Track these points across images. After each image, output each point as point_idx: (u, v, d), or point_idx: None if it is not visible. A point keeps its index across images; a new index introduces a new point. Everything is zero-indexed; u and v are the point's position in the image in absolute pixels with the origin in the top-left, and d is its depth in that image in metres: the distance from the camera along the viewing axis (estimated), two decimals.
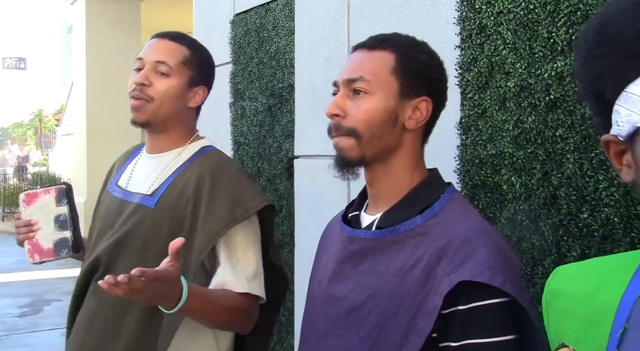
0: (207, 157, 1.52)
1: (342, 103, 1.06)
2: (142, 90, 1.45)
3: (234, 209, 1.41)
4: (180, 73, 1.47)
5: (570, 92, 1.48)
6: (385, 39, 1.09)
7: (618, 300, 0.70)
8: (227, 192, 1.43)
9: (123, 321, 1.41)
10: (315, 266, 1.22)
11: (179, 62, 1.47)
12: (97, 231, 1.54)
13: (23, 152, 25.43)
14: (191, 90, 1.51)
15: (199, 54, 1.53)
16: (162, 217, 1.43)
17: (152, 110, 1.46)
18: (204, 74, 1.54)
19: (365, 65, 1.06)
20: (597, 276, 0.75)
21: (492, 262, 0.93)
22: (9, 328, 5.49)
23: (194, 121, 1.59)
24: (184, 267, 1.34)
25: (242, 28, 3.06)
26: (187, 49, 1.50)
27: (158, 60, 1.46)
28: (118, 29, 9.17)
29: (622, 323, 0.68)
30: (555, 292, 0.79)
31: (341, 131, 1.06)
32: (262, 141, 2.90)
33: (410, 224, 1.02)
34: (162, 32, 1.54)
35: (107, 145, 7.84)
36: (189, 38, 1.55)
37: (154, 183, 1.49)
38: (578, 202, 1.46)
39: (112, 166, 1.71)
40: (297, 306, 2.57)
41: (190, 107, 1.53)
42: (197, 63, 1.51)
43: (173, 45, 1.49)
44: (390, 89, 1.05)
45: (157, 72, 1.46)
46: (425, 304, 0.94)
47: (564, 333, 0.76)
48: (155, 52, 1.47)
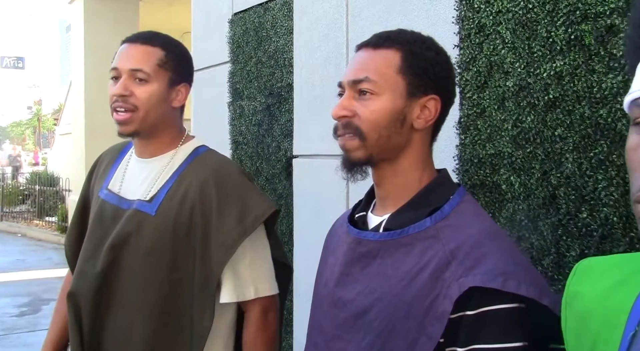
0: (204, 158, 1.51)
1: (349, 105, 1.03)
2: (124, 100, 1.42)
3: (244, 219, 1.42)
4: (159, 76, 1.44)
5: (569, 91, 1.47)
6: (391, 36, 1.06)
7: (632, 301, 0.69)
8: (234, 200, 1.43)
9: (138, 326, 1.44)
10: (321, 267, 1.20)
11: (155, 66, 1.44)
12: (93, 240, 1.51)
13: (15, 151, 25.27)
14: (173, 90, 1.49)
15: (173, 53, 1.48)
16: (164, 224, 1.42)
17: (138, 120, 1.43)
18: (183, 71, 1.51)
19: (371, 65, 1.03)
20: (615, 277, 0.74)
21: (503, 267, 0.91)
22: (8, 328, 5.48)
23: (180, 119, 1.57)
24: (204, 280, 1.41)
25: (241, 27, 3.05)
26: (161, 50, 1.46)
27: (133, 68, 1.42)
28: (116, 28, 9.15)
29: (634, 326, 0.67)
30: (576, 294, 0.78)
31: (350, 129, 1.03)
32: (260, 140, 2.89)
33: (419, 226, 1.00)
34: (132, 36, 1.50)
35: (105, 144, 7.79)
36: (162, 37, 1.50)
37: (152, 189, 1.47)
38: (577, 201, 1.46)
39: (97, 162, 1.67)
40: (297, 306, 2.56)
41: (174, 107, 1.51)
42: (173, 62, 1.47)
43: (146, 50, 1.45)
44: (397, 89, 1.02)
45: (135, 79, 1.42)
46: (434, 308, 0.92)
47: (583, 335, 0.74)
48: (130, 59, 1.43)
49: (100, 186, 1.57)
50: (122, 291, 1.44)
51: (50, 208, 12.15)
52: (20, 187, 14.24)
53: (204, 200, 1.42)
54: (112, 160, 1.62)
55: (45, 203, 12.33)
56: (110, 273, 1.44)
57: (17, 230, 11.76)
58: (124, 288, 1.44)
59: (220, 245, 1.40)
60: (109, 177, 1.57)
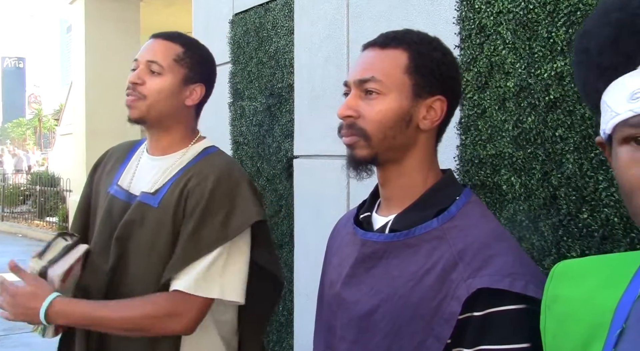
0: (212, 158, 1.52)
1: (355, 104, 1.03)
2: (134, 88, 1.47)
3: (228, 223, 1.41)
4: (173, 71, 1.48)
5: (570, 92, 1.47)
6: (398, 36, 1.05)
7: (617, 301, 0.70)
8: (224, 203, 1.42)
9: None
10: (325, 268, 1.20)
11: (171, 60, 1.48)
12: (103, 233, 1.51)
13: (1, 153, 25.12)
14: (187, 87, 1.51)
15: (193, 52, 1.52)
16: (164, 216, 1.43)
17: (144, 107, 1.47)
18: (201, 71, 1.53)
19: (377, 64, 1.02)
20: (597, 278, 0.75)
21: (510, 268, 0.91)
22: (8, 328, 5.48)
23: (194, 120, 1.58)
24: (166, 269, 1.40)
25: (242, 28, 3.06)
26: (181, 47, 1.50)
27: (150, 59, 1.48)
28: (117, 28, 9.17)
29: (620, 324, 0.68)
30: (556, 297, 0.79)
31: (354, 130, 1.03)
32: (261, 141, 2.90)
33: (425, 227, 0.99)
34: (158, 33, 1.55)
35: (106, 145, 7.79)
36: (185, 37, 1.55)
37: (157, 183, 1.49)
38: (578, 202, 1.46)
39: (104, 157, 1.68)
40: (297, 306, 2.56)
41: (187, 105, 1.52)
42: (191, 61, 1.51)
43: (166, 44, 1.50)
44: (404, 89, 1.01)
45: (150, 70, 1.47)
46: (441, 310, 0.92)
47: (565, 337, 0.76)
48: (148, 52, 1.49)
49: (110, 182, 1.58)
50: (129, 285, 1.45)
51: (51, 209, 12.16)
52: (21, 187, 14.25)
53: (199, 192, 1.42)
54: (121, 157, 1.63)
55: (46, 204, 12.34)
56: (119, 269, 1.45)
57: (18, 230, 11.77)
58: (131, 281, 1.45)
59: (197, 241, 1.39)
60: (118, 173, 1.59)
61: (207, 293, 1.38)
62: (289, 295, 2.65)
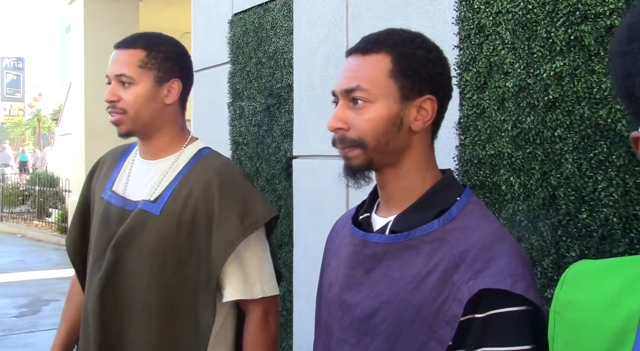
0: (208, 160, 1.52)
1: (344, 116, 1.02)
2: (113, 106, 1.49)
3: (245, 219, 1.44)
4: (143, 77, 1.48)
5: (569, 92, 1.47)
6: (379, 39, 1.03)
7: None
8: (236, 200, 1.45)
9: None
10: (324, 269, 1.19)
11: (136, 68, 1.48)
12: (101, 242, 1.51)
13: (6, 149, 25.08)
14: (162, 87, 1.50)
15: (156, 51, 1.50)
16: (168, 223, 1.44)
17: (129, 121, 1.49)
18: (170, 67, 1.51)
19: (361, 72, 1.01)
20: (617, 283, 0.73)
21: (512, 269, 0.91)
22: (7, 329, 5.48)
23: (180, 117, 1.57)
24: (207, 277, 1.42)
25: (241, 28, 3.05)
26: (142, 50, 1.49)
27: (117, 73, 1.49)
28: (116, 28, 9.14)
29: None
30: (567, 303, 0.77)
31: (346, 143, 1.02)
32: (260, 141, 2.89)
33: (426, 229, 0.98)
34: (119, 42, 1.54)
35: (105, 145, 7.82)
36: (146, 37, 1.53)
37: (157, 190, 1.49)
38: (577, 202, 1.46)
39: (98, 164, 1.69)
40: (296, 306, 2.56)
41: (168, 103, 1.52)
42: (156, 61, 1.50)
43: (128, 53, 1.49)
44: (391, 94, 1.00)
45: (121, 83, 1.49)
46: (443, 312, 0.91)
47: (582, 343, 0.74)
48: (114, 65, 1.50)
49: (104, 187, 1.58)
50: (128, 292, 1.45)
51: (50, 209, 12.15)
52: (20, 187, 14.23)
53: (207, 199, 1.44)
54: (114, 161, 1.63)
55: (45, 204, 12.32)
56: (114, 274, 1.45)
57: (17, 230, 11.77)
58: (129, 289, 1.45)
59: (221, 242, 1.42)
60: (112, 179, 1.59)
61: (274, 291, 1.50)
62: (288, 295, 2.65)
